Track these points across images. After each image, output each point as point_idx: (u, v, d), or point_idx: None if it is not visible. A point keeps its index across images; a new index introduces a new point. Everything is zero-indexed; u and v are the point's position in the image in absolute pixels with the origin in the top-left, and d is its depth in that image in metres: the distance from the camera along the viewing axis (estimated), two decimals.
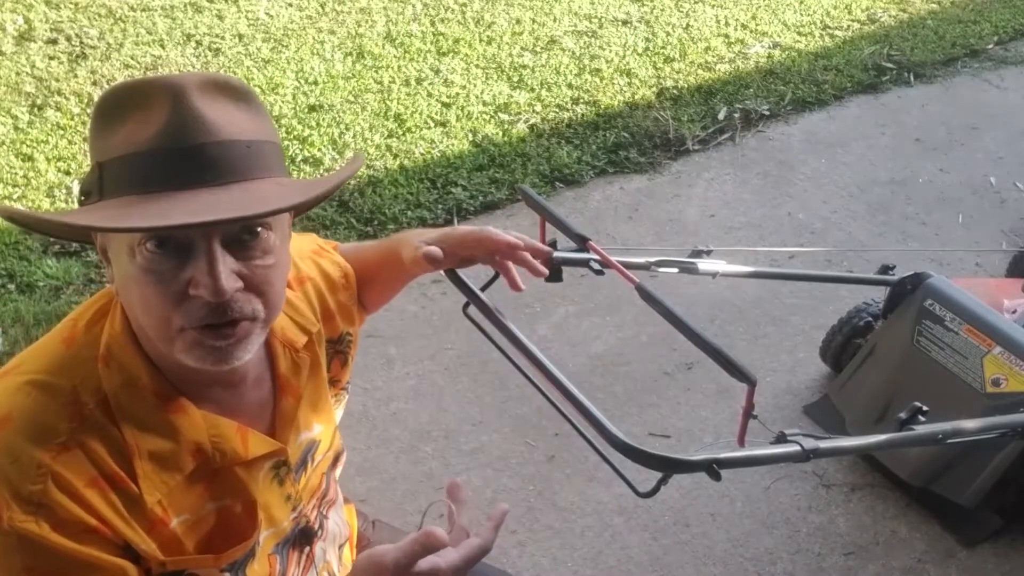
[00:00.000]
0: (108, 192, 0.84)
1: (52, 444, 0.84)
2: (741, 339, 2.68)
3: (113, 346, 0.90)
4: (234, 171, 0.83)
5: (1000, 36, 4.54)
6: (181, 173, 0.82)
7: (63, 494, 0.83)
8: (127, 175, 0.83)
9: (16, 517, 0.82)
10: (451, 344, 2.59)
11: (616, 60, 4.06)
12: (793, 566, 2.07)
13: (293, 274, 1.08)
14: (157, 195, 0.81)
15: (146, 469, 0.88)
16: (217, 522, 0.95)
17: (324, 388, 1.10)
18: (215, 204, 0.80)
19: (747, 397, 1.06)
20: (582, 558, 2.07)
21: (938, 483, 2.13)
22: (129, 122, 0.83)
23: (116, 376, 0.89)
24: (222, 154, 0.83)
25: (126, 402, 0.89)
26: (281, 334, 1.03)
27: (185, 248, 0.83)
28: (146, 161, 0.82)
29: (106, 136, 0.85)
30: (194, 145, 0.82)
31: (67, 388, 0.88)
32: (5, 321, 2.53)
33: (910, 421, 1.42)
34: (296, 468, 1.04)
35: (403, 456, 2.28)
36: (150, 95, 0.83)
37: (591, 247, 1.16)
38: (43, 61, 3.76)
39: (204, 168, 0.82)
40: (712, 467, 1.03)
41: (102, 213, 0.82)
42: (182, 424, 0.91)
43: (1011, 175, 3.53)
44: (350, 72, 3.85)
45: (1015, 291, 2.41)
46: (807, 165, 3.53)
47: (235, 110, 0.85)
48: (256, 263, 0.86)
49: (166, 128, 0.82)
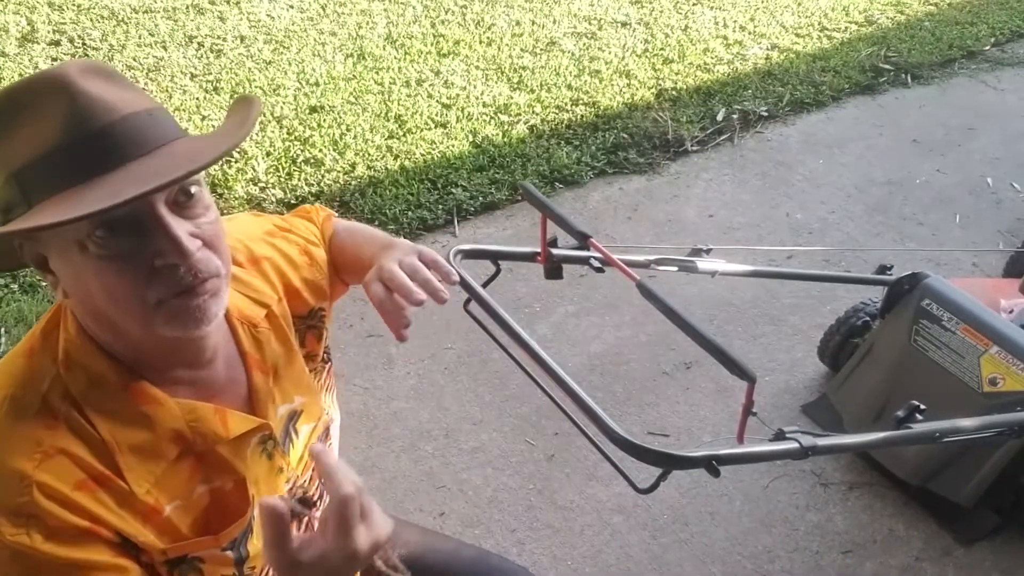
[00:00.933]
0: (36, 197, 0.82)
1: (33, 453, 0.85)
2: (739, 338, 2.69)
3: (71, 350, 0.90)
4: (148, 140, 0.84)
5: (997, 38, 4.55)
6: (103, 155, 0.82)
7: (51, 501, 0.84)
8: (50, 174, 0.81)
9: (6, 531, 0.82)
10: (451, 343, 2.60)
11: (615, 61, 4.08)
12: (791, 564, 2.09)
13: (246, 255, 1.09)
14: (89, 183, 0.81)
15: (129, 462, 0.89)
16: (211, 503, 0.96)
17: (297, 359, 1.10)
18: (150, 172, 0.81)
19: (747, 394, 1.08)
20: (581, 556, 2.08)
21: (935, 482, 2.14)
22: (25, 125, 0.82)
23: (80, 377, 0.89)
24: (131, 127, 0.83)
25: (96, 401, 0.89)
26: (238, 312, 1.03)
27: (135, 225, 0.83)
28: (64, 155, 0.81)
29: (7, 145, 0.83)
30: (103, 125, 0.82)
31: (36, 397, 0.88)
32: (8, 321, 2.54)
33: (907, 420, 1.43)
34: (282, 440, 1.05)
35: (403, 455, 2.29)
36: (37, 93, 0.82)
37: (592, 244, 1.17)
38: (46, 63, 3.77)
39: (121, 145, 0.82)
40: (711, 463, 1.04)
41: (43, 215, 0.80)
42: (155, 413, 0.91)
43: (1008, 176, 3.55)
44: (351, 73, 3.86)
45: (1012, 291, 2.42)
46: (805, 166, 3.55)
47: (116, 88, 0.86)
48: (202, 220, 0.88)
49: (70, 119, 0.81)
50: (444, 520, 2.13)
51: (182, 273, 0.85)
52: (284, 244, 1.16)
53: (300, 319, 1.15)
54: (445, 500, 2.18)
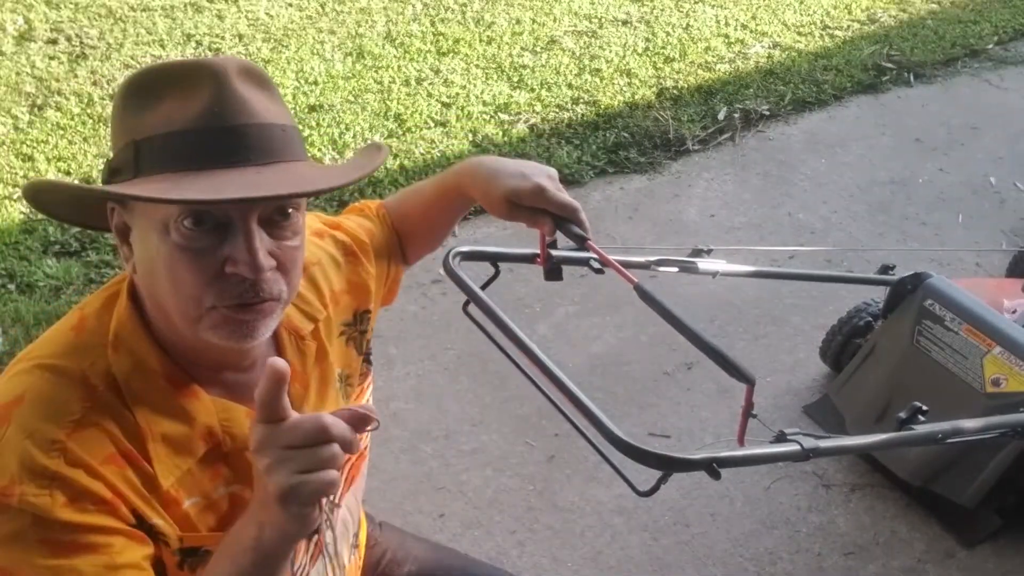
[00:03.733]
0: (145, 169, 0.84)
1: (66, 421, 0.85)
2: (741, 339, 2.68)
3: (122, 332, 0.90)
4: (274, 152, 0.85)
5: (1000, 36, 4.54)
6: (225, 151, 0.83)
7: (78, 469, 0.84)
8: (170, 152, 0.83)
9: (29, 491, 0.82)
10: (451, 344, 2.59)
11: (616, 60, 4.06)
12: (793, 566, 2.07)
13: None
14: (201, 172, 0.82)
15: (159, 452, 0.89)
16: (230, 507, 0.96)
17: (331, 376, 1.10)
18: (261, 182, 0.82)
19: (746, 396, 1.06)
20: (582, 558, 2.07)
21: (938, 483, 2.13)
22: (168, 101, 0.84)
23: (126, 361, 0.89)
24: (263, 135, 0.85)
25: (137, 386, 0.89)
26: (287, 322, 1.03)
27: (223, 226, 0.84)
28: (190, 139, 0.83)
29: (141, 114, 0.85)
30: (238, 125, 0.84)
31: (76, 371, 0.88)
32: (5, 321, 2.53)
33: (910, 421, 1.42)
34: None
35: (403, 456, 2.28)
36: (191, 76, 0.84)
37: (590, 246, 1.16)
38: (43, 61, 3.76)
39: (247, 148, 0.84)
40: (712, 466, 1.03)
41: (147, 187, 0.82)
42: (194, 408, 0.91)
43: (1011, 175, 3.53)
44: (350, 72, 3.85)
45: (1015, 291, 2.41)
46: (807, 165, 3.53)
47: (265, 96, 0.88)
48: (287, 243, 0.89)
49: (210, 108, 0.83)
50: (444, 521, 2.12)
51: (246, 287, 0.85)
52: (330, 246, 1.16)
53: (347, 326, 1.14)
54: (445, 501, 2.17)
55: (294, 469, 0.79)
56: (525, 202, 1.12)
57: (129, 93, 0.87)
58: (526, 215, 1.13)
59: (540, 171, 1.14)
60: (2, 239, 2.80)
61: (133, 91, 0.86)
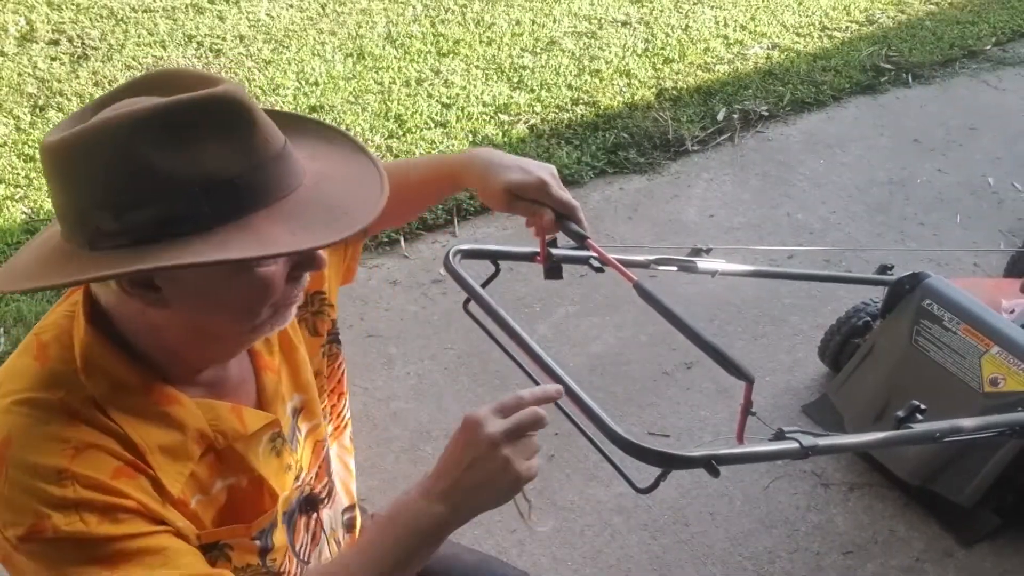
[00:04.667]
0: (220, 217, 0.80)
1: (63, 450, 0.84)
2: (740, 339, 2.69)
3: (90, 355, 0.88)
4: (299, 171, 0.87)
5: (998, 37, 4.55)
6: (277, 184, 0.84)
7: (93, 491, 0.83)
8: (239, 194, 0.81)
9: (60, 523, 0.81)
10: (451, 344, 2.60)
11: (615, 61, 4.07)
12: (792, 565, 2.08)
13: None
14: (266, 210, 0.83)
15: (160, 463, 0.89)
16: (228, 499, 0.97)
17: (301, 359, 1.10)
18: (332, 208, 0.86)
19: (745, 394, 1.07)
20: (582, 557, 2.07)
21: (936, 482, 2.13)
22: (210, 140, 0.80)
23: (102, 383, 0.88)
24: (287, 155, 0.86)
25: (120, 403, 0.88)
26: None
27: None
28: (257, 176, 0.82)
29: (188, 155, 0.79)
30: (274, 155, 0.84)
31: (55, 401, 0.86)
32: (7, 321, 2.53)
33: (908, 420, 1.43)
34: (290, 438, 1.06)
35: (403, 455, 2.29)
36: (222, 110, 0.81)
37: (589, 245, 1.16)
38: (45, 62, 3.77)
39: (288, 174, 0.85)
40: (711, 463, 1.03)
41: (243, 242, 0.80)
42: (181, 415, 0.92)
43: (1009, 175, 3.54)
44: (351, 73, 3.86)
45: (1013, 291, 2.42)
46: (806, 166, 3.54)
47: (263, 115, 0.88)
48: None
49: (255, 144, 0.82)
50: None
51: (299, 291, 0.92)
52: None
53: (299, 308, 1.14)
54: None
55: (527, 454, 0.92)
56: (527, 195, 1.14)
57: (157, 129, 0.78)
58: (525, 208, 1.15)
59: (542, 167, 1.16)
60: (4, 239, 2.80)
61: (165, 127, 0.78)
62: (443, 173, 1.21)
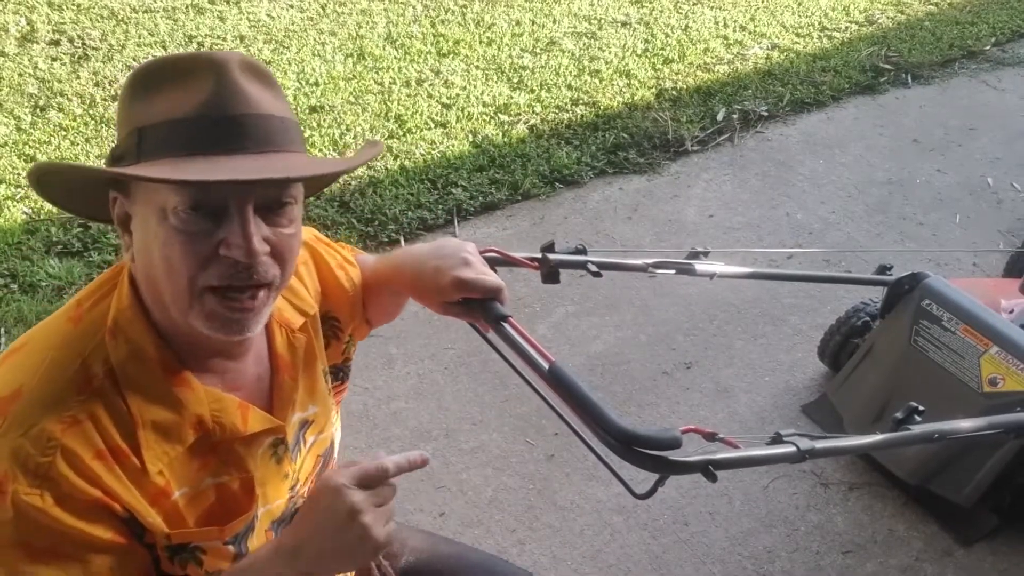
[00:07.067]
0: (147, 155, 0.86)
1: (64, 416, 0.86)
2: (739, 339, 2.69)
3: (120, 319, 0.92)
4: (271, 141, 0.88)
5: (997, 37, 4.55)
6: (224, 139, 0.86)
7: (70, 468, 0.85)
8: (171, 138, 0.86)
9: (21, 490, 0.84)
10: (451, 344, 2.61)
11: (615, 61, 4.08)
12: (791, 564, 2.09)
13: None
14: (200, 157, 0.85)
15: (148, 439, 0.91)
16: (216, 498, 0.97)
17: (319, 371, 1.12)
18: (258, 168, 0.86)
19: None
20: (581, 556, 2.08)
21: (935, 482, 2.14)
22: (171, 91, 0.87)
23: (123, 348, 0.91)
24: (261, 125, 0.88)
25: (132, 373, 0.91)
26: (278, 315, 1.06)
27: (219, 211, 0.87)
28: (191, 126, 0.86)
29: (146, 103, 0.88)
30: (237, 114, 0.86)
31: (76, 361, 0.90)
32: (8, 321, 2.54)
33: (907, 421, 1.43)
34: (292, 447, 1.06)
35: None
36: (194, 68, 0.87)
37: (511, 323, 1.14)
38: (45, 62, 3.77)
39: (245, 136, 0.87)
40: (708, 468, 1.03)
41: (146, 170, 0.85)
42: (186, 397, 0.93)
43: (1008, 176, 3.55)
44: (351, 73, 3.86)
45: (1012, 291, 2.42)
46: (805, 166, 3.55)
47: (265, 90, 0.90)
48: (282, 231, 0.91)
49: (211, 97, 0.86)
50: (444, 520, 2.13)
51: (239, 269, 0.88)
52: (324, 250, 1.19)
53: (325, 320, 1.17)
54: (445, 500, 2.18)
55: (384, 521, 0.91)
56: (453, 298, 1.13)
57: (134, 83, 0.89)
58: (459, 310, 1.15)
59: (455, 257, 1.14)
60: (5, 239, 2.81)
61: (138, 81, 0.89)
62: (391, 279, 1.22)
